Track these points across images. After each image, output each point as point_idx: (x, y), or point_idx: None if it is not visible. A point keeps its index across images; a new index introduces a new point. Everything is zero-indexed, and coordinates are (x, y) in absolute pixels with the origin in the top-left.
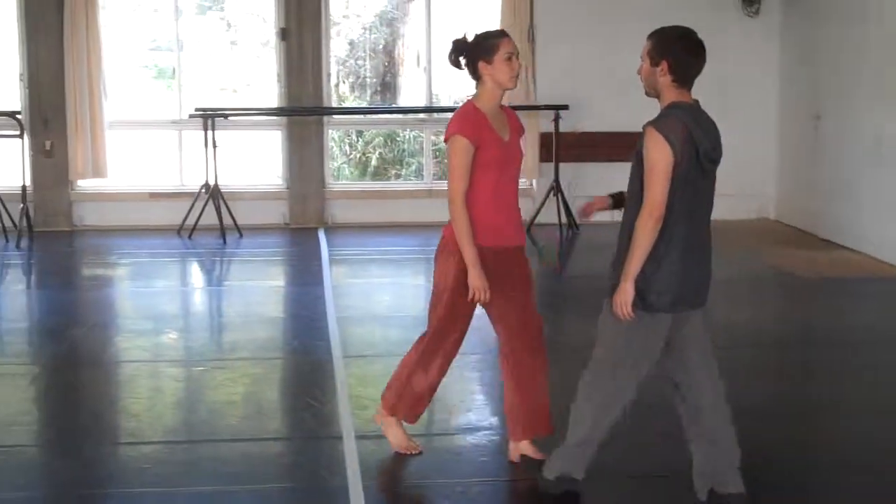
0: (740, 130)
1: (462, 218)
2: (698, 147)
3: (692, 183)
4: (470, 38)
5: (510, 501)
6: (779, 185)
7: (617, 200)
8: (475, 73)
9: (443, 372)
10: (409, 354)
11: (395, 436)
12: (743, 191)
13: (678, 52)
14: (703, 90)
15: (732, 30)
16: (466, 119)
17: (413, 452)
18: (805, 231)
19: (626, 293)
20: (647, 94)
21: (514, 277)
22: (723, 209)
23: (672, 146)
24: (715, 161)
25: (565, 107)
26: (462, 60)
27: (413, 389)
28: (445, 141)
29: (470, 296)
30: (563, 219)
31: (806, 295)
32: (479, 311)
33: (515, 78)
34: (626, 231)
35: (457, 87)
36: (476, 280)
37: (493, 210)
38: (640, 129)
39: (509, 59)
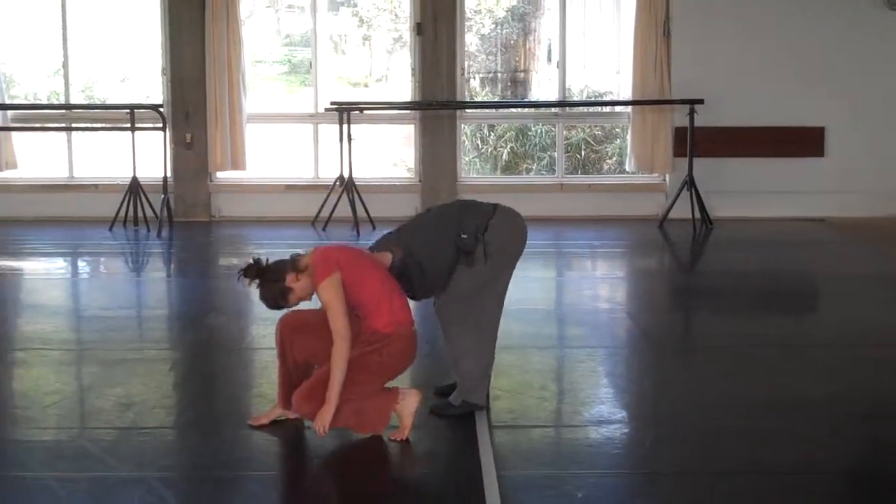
0: (877, 125)
1: None
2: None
3: None
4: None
5: (644, 493)
6: None
7: None
8: None
9: None
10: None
11: None
12: (878, 188)
13: None
14: (840, 84)
15: (873, 23)
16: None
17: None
18: None
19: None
20: None
21: None
22: (858, 207)
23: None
24: None
25: (700, 101)
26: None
27: None
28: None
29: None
30: (696, 214)
31: None
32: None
33: None
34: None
35: (589, 82)
36: None
37: None
38: (777, 125)
39: None
